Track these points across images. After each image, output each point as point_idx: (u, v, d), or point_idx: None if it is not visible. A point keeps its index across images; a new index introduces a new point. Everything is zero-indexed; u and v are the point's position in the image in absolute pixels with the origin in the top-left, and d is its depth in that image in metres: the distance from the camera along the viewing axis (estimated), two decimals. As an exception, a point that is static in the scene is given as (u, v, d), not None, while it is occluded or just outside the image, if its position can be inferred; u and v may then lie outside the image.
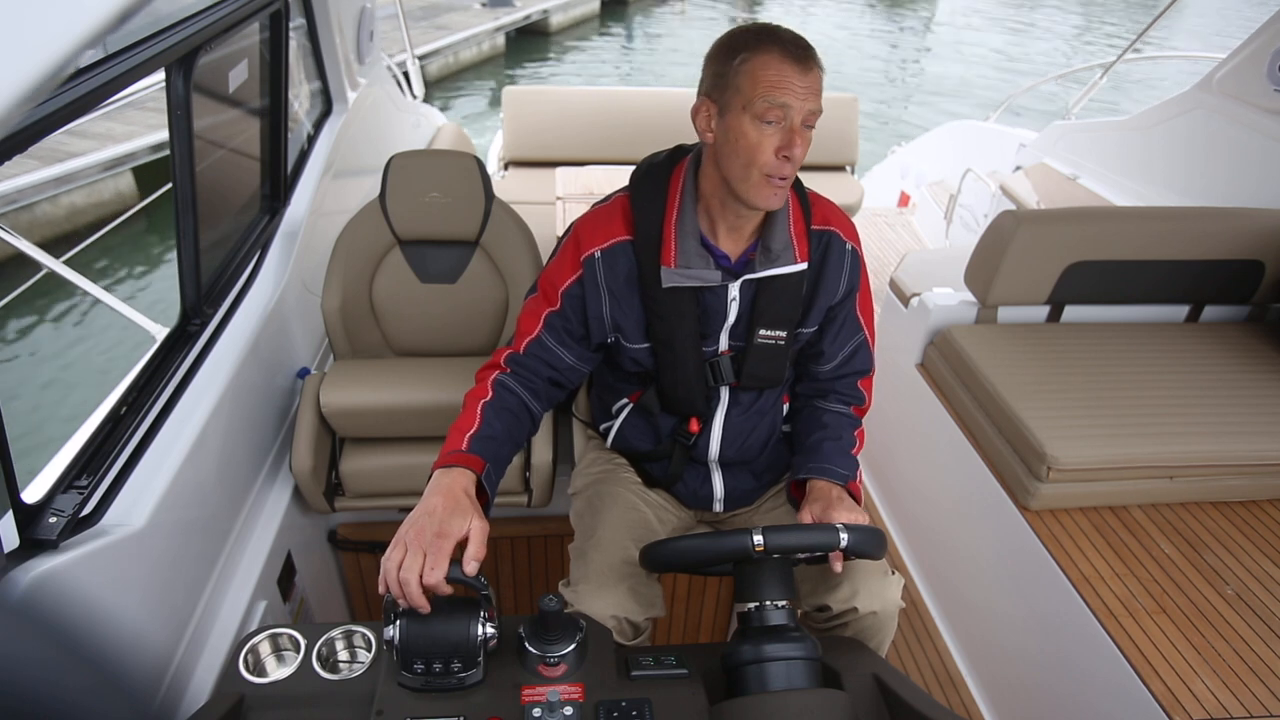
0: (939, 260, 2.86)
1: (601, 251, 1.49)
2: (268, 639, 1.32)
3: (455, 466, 1.33)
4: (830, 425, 1.62)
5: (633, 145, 3.20)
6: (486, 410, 1.45)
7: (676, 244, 1.45)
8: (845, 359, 1.64)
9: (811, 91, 1.32)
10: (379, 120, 3.43)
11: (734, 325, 1.54)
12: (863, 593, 1.50)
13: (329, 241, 2.13)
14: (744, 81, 1.32)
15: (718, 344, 1.56)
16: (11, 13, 0.40)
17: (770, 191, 1.37)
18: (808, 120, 1.33)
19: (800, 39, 1.33)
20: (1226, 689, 1.52)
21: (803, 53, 1.31)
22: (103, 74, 1.34)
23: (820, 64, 1.35)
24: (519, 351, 1.54)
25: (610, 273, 1.50)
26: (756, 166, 1.34)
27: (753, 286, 1.51)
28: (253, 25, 2.02)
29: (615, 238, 1.49)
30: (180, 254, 1.78)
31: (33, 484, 1.42)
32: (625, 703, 1.16)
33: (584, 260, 1.50)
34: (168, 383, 1.69)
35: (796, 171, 1.38)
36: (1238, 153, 3.06)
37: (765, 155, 1.33)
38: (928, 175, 5.14)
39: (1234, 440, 1.94)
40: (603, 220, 1.52)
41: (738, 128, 1.34)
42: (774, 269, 1.48)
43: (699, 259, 1.46)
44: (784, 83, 1.30)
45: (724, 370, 1.57)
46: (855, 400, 1.67)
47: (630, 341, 1.55)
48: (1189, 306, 2.45)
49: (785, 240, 1.48)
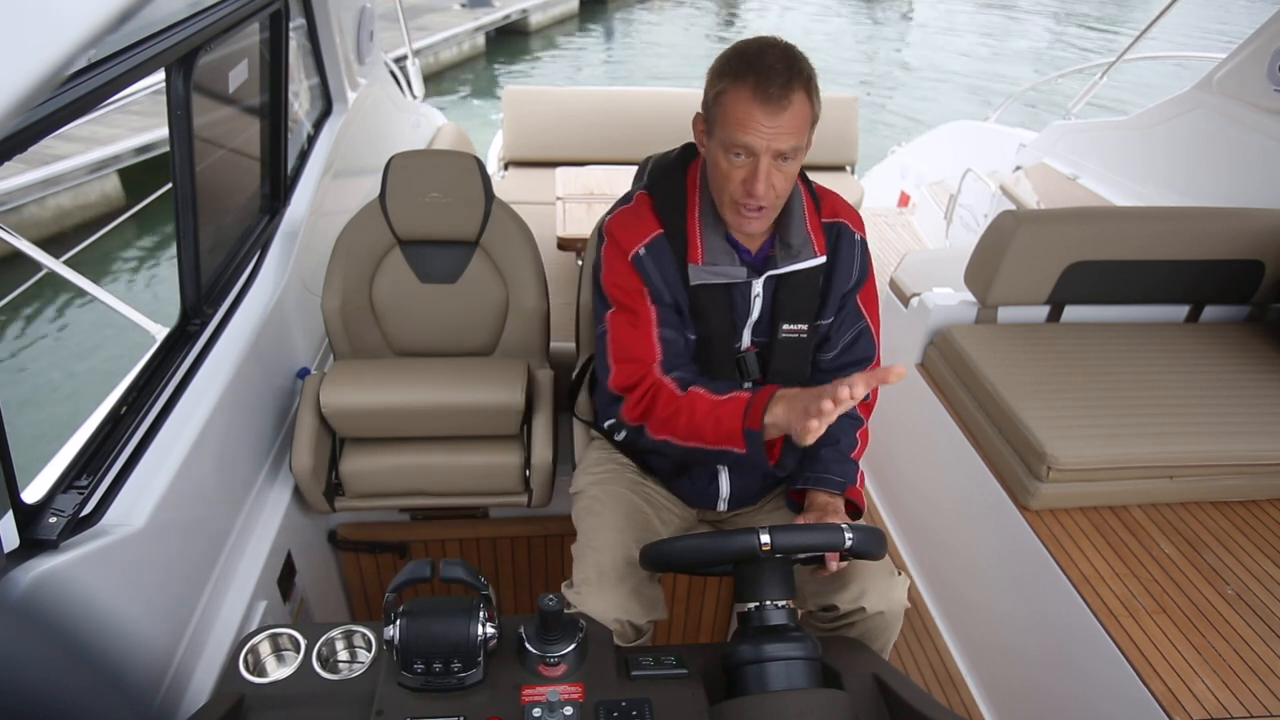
0: (939, 260, 2.86)
1: (644, 248, 1.52)
2: (268, 639, 1.32)
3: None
4: (830, 430, 1.62)
5: (633, 145, 3.20)
6: (711, 391, 1.45)
7: (703, 241, 1.49)
8: (846, 346, 1.64)
9: (781, 131, 1.32)
10: (379, 120, 3.43)
11: (757, 322, 1.56)
12: (870, 593, 1.51)
13: (329, 241, 2.13)
14: (718, 113, 1.36)
15: (741, 341, 1.57)
16: (11, 13, 0.40)
17: (740, 219, 1.42)
18: (781, 156, 1.34)
19: (785, 70, 1.31)
20: (1226, 689, 1.52)
21: (778, 91, 1.30)
22: (103, 74, 1.34)
23: (808, 92, 1.34)
24: (661, 358, 1.52)
25: (658, 264, 1.52)
26: (727, 193, 1.40)
27: (773, 282, 1.53)
28: (253, 25, 2.02)
29: (652, 233, 1.52)
30: (180, 254, 1.78)
31: (33, 484, 1.42)
32: (625, 703, 1.16)
33: (632, 260, 1.52)
34: (168, 383, 1.69)
35: (776, 202, 1.41)
36: (1238, 153, 3.06)
37: (733, 185, 1.38)
38: (928, 175, 5.14)
39: (1234, 440, 1.94)
40: (632, 219, 1.55)
41: (714, 154, 1.40)
42: (796, 264, 1.50)
43: (724, 255, 1.49)
44: (750, 123, 1.31)
45: (750, 366, 1.58)
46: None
47: (687, 330, 1.57)
48: (1189, 306, 2.45)
49: (803, 235, 1.51)
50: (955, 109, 10.85)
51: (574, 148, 4.52)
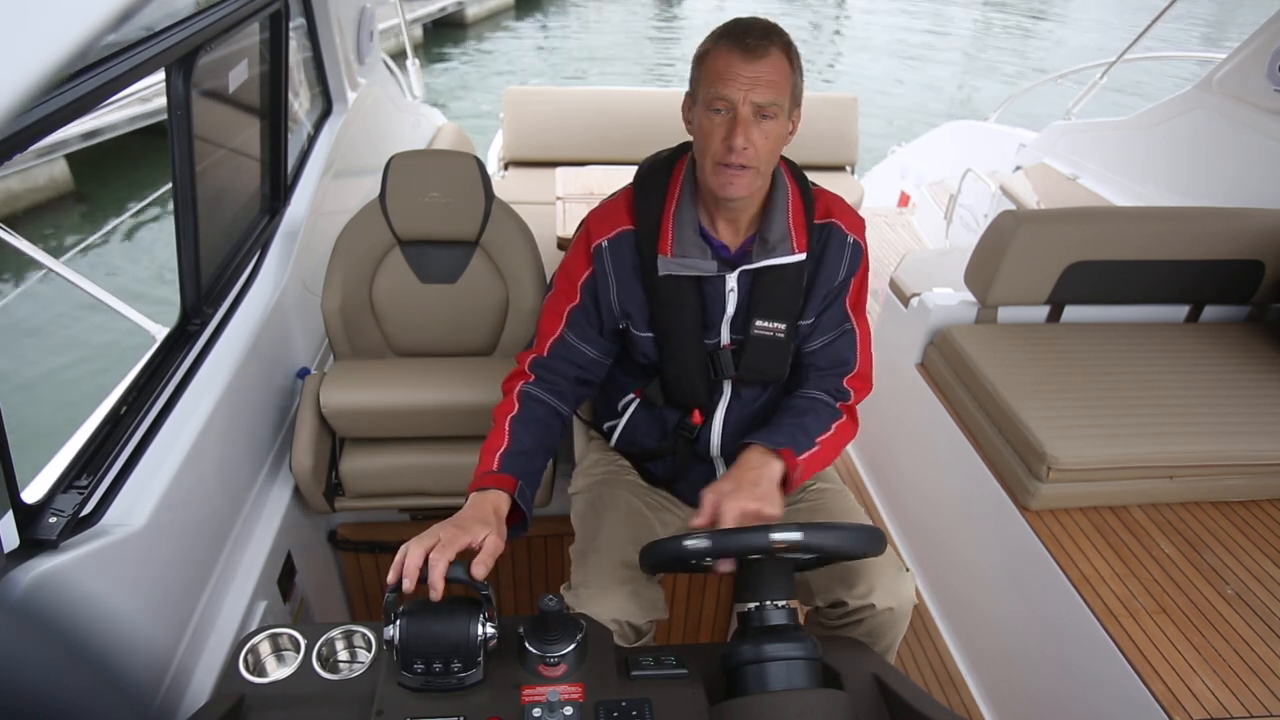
0: (939, 260, 2.86)
1: (608, 241, 1.52)
2: (268, 639, 1.32)
3: (489, 489, 1.36)
4: (796, 406, 1.58)
5: (633, 145, 3.20)
6: (515, 425, 1.48)
7: (674, 234, 1.48)
8: (825, 344, 1.61)
9: (760, 82, 1.32)
10: (379, 120, 3.43)
11: (734, 317, 1.54)
12: (879, 589, 1.51)
13: (329, 241, 2.13)
14: (700, 74, 1.39)
15: (719, 336, 1.56)
16: (11, 13, 0.40)
17: (723, 179, 1.39)
18: (761, 111, 1.34)
19: (763, 30, 1.35)
20: (1226, 689, 1.52)
21: (755, 42, 1.33)
22: (103, 74, 1.34)
23: (785, 52, 1.36)
24: (543, 354, 1.56)
25: (616, 260, 1.52)
26: (709, 155, 1.39)
27: (750, 277, 1.52)
28: (253, 25, 2.02)
29: (619, 227, 1.52)
30: (180, 254, 1.78)
31: (33, 484, 1.43)
32: (625, 703, 1.16)
33: (593, 250, 1.53)
34: (168, 383, 1.69)
35: (760, 164, 1.38)
36: (1238, 153, 3.06)
37: (715, 143, 1.37)
38: (928, 175, 5.14)
39: (1234, 440, 1.94)
40: (609, 211, 1.56)
41: (697, 120, 1.40)
42: (771, 259, 1.48)
43: (696, 249, 1.48)
44: (728, 73, 1.33)
45: (724, 363, 1.57)
46: (839, 396, 1.62)
47: (638, 330, 1.57)
48: (1189, 306, 2.45)
49: (783, 231, 1.49)
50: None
51: (574, 148, 4.52)
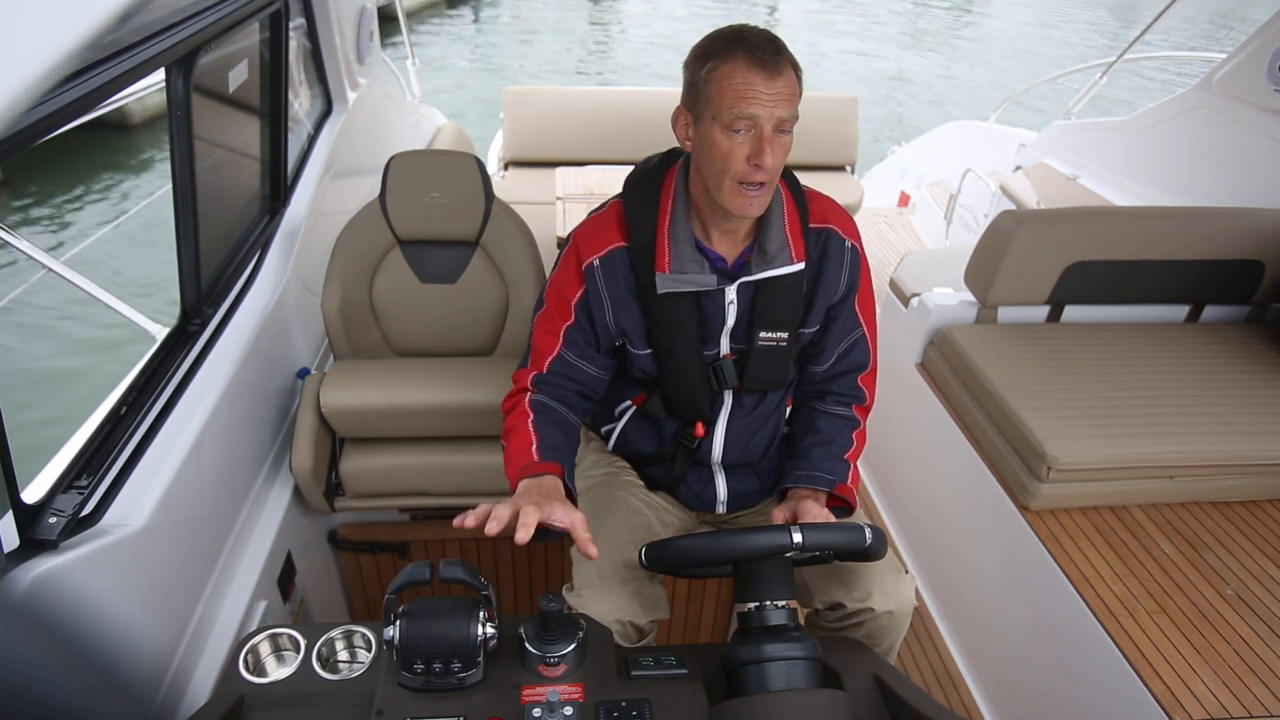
0: (939, 260, 2.86)
1: (600, 260, 1.50)
2: (268, 639, 1.32)
3: (539, 475, 1.36)
4: (823, 430, 1.61)
5: (633, 145, 3.19)
6: (539, 425, 1.47)
7: (670, 249, 1.45)
8: (841, 355, 1.62)
9: (781, 98, 1.30)
10: (379, 120, 3.43)
11: (734, 328, 1.53)
12: (878, 592, 1.50)
13: (329, 242, 2.12)
14: (713, 91, 1.32)
15: (719, 348, 1.55)
16: (10, 13, 0.40)
17: (745, 200, 1.37)
18: (780, 126, 1.32)
19: (770, 42, 1.32)
20: (1226, 689, 1.52)
21: (771, 58, 1.30)
22: (103, 74, 1.34)
23: (794, 64, 1.34)
24: (543, 372, 1.54)
25: (610, 280, 1.50)
26: (729, 175, 1.35)
27: (750, 288, 1.50)
28: (253, 25, 2.02)
29: (611, 245, 1.49)
30: (180, 254, 1.78)
31: (33, 484, 1.42)
32: (625, 703, 1.16)
33: (584, 270, 1.50)
34: (168, 383, 1.69)
35: (775, 178, 1.38)
36: (1238, 153, 3.06)
37: (737, 164, 1.33)
38: (928, 175, 5.14)
39: (1234, 440, 1.94)
40: (599, 228, 1.52)
41: (710, 138, 1.34)
42: (771, 270, 1.47)
43: (693, 263, 1.45)
44: (750, 92, 1.29)
45: (727, 374, 1.56)
46: (855, 399, 1.65)
47: (635, 348, 1.55)
48: (1189, 306, 2.45)
49: (781, 241, 1.47)
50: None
51: (574, 148, 4.51)
